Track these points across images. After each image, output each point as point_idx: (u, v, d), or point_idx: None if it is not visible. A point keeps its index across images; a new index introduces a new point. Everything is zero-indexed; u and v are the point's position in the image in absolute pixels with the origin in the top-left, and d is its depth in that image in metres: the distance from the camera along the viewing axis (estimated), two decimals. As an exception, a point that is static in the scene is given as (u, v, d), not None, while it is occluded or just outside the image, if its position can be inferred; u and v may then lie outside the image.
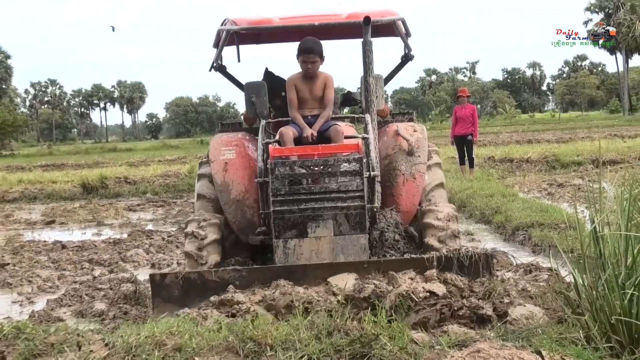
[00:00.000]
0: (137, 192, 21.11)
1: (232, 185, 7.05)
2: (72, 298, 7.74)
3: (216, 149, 7.23)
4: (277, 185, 6.24)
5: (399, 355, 3.29)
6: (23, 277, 8.99)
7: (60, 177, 25.19)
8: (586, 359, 3.24)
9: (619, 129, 44.82)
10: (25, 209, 18.67)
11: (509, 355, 3.18)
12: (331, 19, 7.53)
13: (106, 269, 9.45)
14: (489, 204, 12.77)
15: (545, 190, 16.08)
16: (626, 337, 3.35)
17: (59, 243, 11.61)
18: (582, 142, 29.53)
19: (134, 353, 3.28)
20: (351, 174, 6.29)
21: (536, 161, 22.42)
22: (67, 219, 15.78)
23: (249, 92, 7.27)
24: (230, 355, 3.28)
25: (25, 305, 7.73)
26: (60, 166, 34.97)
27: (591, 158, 20.82)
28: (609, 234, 3.73)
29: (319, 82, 6.97)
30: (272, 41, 9.18)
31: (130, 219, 15.59)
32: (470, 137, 18.33)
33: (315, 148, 6.47)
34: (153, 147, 62.64)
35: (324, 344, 3.30)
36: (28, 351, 3.29)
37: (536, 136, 41.03)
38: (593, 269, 3.66)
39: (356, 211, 6.25)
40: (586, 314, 3.53)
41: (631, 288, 3.40)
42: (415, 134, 7.34)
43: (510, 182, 17.73)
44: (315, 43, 6.92)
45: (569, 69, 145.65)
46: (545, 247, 9.08)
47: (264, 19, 7.43)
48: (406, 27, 7.72)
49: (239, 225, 7.07)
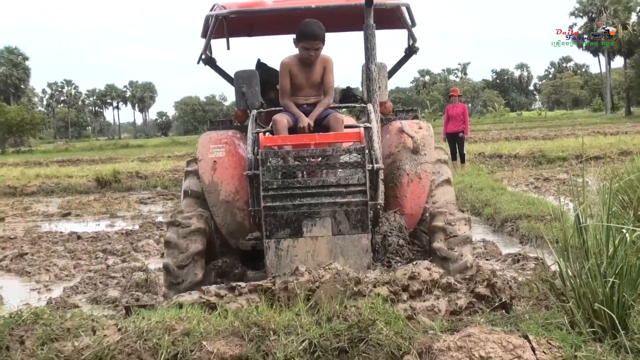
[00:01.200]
0: (148, 186, 21.10)
1: (221, 185, 6.08)
2: (87, 286, 7.76)
3: (204, 146, 6.28)
4: (268, 179, 5.29)
5: (395, 339, 3.29)
6: (41, 266, 9.01)
7: (76, 172, 25.17)
8: (570, 343, 3.24)
9: (602, 126, 44.87)
10: (42, 202, 18.67)
11: (498, 340, 3.18)
12: (331, 1, 6.45)
13: (119, 258, 9.47)
14: (479, 197, 12.78)
15: (532, 184, 16.09)
16: (608, 322, 3.35)
17: (75, 234, 11.64)
18: (567, 139, 29.55)
19: (145, 337, 3.28)
20: (352, 166, 5.36)
21: (524, 157, 22.45)
22: (82, 212, 15.81)
23: (239, 82, 6.37)
24: (236, 339, 3.28)
25: (43, 293, 7.74)
26: (75, 161, 34.99)
27: (575, 154, 20.80)
28: (591, 225, 3.73)
29: (317, 67, 5.94)
30: (266, 32, 7.95)
31: (142, 211, 15.60)
32: (462, 134, 18.40)
33: (311, 137, 5.56)
34: (163, 143, 62.57)
35: (324, 329, 3.30)
36: (46, 336, 3.30)
37: (524, 133, 41.07)
38: (577, 259, 3.66)
39: (357, 208, 5.27)
40: (570, 301, 3.53)
41: (612, 276, 3.40)
42: (421, 131, 6.41)
43: (499, 177, 17.73)
44: (319, 27, 5.84)
45: (554, 70, 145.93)
46: (532, 238, 9.08)
47: (256, 1, 6.46)
48: (411, 15, 6.65)
49: (228, 228, 6.09)
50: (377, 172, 5.51)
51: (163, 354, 3.20)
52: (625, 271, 3.44)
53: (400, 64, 7.17)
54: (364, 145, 5.47)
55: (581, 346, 3.22)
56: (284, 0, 6.60)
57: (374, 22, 5.86)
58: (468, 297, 4.39)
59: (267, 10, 6.48)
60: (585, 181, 4.69)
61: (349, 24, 7.25)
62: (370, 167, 5.41)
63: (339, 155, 5.47)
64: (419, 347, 3.22)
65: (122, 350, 3.21)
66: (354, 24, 7.04)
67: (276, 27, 7.47)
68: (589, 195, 4.54)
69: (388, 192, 6.11)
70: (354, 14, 6.50)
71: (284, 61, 6.01)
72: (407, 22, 6.57)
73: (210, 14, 6.50)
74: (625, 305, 3.39)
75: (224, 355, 3.18)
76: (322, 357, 3.20)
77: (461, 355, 3.12)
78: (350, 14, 6.73)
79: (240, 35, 7.54)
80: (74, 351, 3.19)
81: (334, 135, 5.65)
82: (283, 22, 6.94)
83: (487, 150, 24.73)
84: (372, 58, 5.89)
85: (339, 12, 6.68)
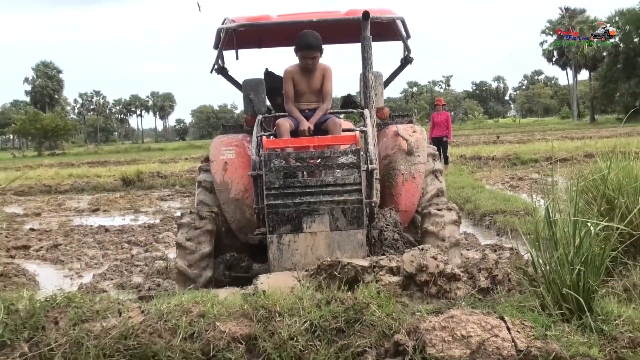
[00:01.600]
0: (168, 185, 21.10)
1: (231, 185, 6.01)
2: (113, 273, 7.76)
3: (216, 149, 6.23)
4: (271, 178, 5.17)
5: (386, 320, 3.28)
6: (73, 255, 9.00)
7: (104, 172, 25.19)
8: (541, 323, 3.24)
9: (569, 132, 44.84)
10: (74, 199, 18.66)
11: (477, 320, 3.18)
12: (330, 15, 6.30)
13: (142, 248, 9.47)
14: (461, 194, 12.77)
15: (507, 183, 16.07)
16: (575, 305, 3.35)
17: (103, 227, 11.64)
18: (538, 143, 29.51)
19: (165, 318, 3.28)
20: (348, 166, 5.22)
21: (500, 159, 22.44)
22: (110, 207, 15.79)
23: (247, 90, 6.29)
24: (245, 320, 3.28)
25: (75, 279, 7.74)
26: (103, 163, 35.00)
27: (545, 156, 20.81)
28: (560, 219, 3.73)
29: (317, 75, 5.86)
30: (273, 44, 7.75)
31: (162, 207, 15.59)
32: (445, 139, 18.42)
33: (311, 140, 5.44)
34: (181, 147, 62.60)
35: (323, 311, 3.30)
36: (77, 317, 3.30)
37: (500, 138, 41.00)
38: (547, 249, 3.66)
39: (353, 205, 5.14)
40: (541, 286, 3.53)
41: (578, 264, 3.40)
42: (415, 134, 6.33)
43: (479, 176, 17.73)
44: (315, 38, 5.76)
45: (527, 82, 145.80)
46: (507, 230, 9.08)
47: (262, 15, 6.32)
48: (406, 28, 6.51)
49: (238, 224, 6.03)
50: (372, 172, 5.36)
51: (181, 333, 3.20)
52: (590, 260, 3.44)
53: (396, 73, 7.00)
54: (360, 147, 5.32)
55: (551, 326, 3.22)
56: (288, 15, 6.46)
57: (371, 35, 5.73)
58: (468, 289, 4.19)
59: (272, 23, 6.38)
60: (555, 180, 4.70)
61: (348, 36, 7.05)
62: (365, 168, 5.29)
63: (336, 156, 5.34)
64: (408, 327, 3.22)
65: (145, 330, 3.21)
66: (353, 36, 6.70)
67: (281, 39, 7.34)
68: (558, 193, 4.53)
69: (384, 191, 6.03)
70: (352, 27, 6.32)
71: (287, 70, 5.93)
72: (402, 34, 6.47)
73: (221, 27, 6.37)
74: (590, 290, 3.39)
75: (235, 335, 3.18)
76: (321, 336, 3.20)
77: (445, 334, 3.12)
78: (348, 27, 6.56)
79: (249, 47, 7.44)
80: (102, 331, 3.19)
81: (331, 138, 5.53)
82: (287, 34, 6.77)
83: (468, 153, 24.76)
84: (368, 67, 5.74)
85: (338, 26, 6.55)
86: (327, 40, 5.92)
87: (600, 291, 3.56)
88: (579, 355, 3.02)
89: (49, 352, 3.11)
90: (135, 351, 3.13)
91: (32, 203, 17.55)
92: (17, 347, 3.15)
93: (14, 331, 3.21)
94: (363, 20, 5.63)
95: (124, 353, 3.13)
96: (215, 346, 3.13)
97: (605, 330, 3.21)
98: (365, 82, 5.78)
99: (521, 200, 10.81)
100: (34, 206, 16.59)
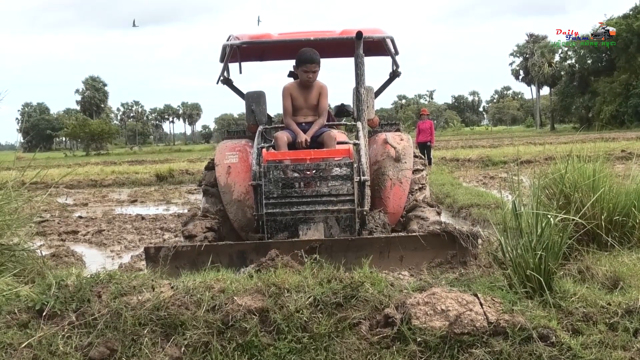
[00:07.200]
0: (195, 181, 21.03)
1: (234, 187, 5.67)
2: (148, 254, 7.74)
3: (221, 153, 5.89)
4: (270, 188, 4.88)
5: (378, 296, 3.27)
6: (114, 239, 9.00)
7: (141, 169, 25.18)
8: (509, 300, 3.23)
9: (533, 138, 44.72)
10: (116, 192, 18.66)
11: (455, 297, 3.17)
12: (326, 34, 6.07)
13: (172, 234, 9.45)
14: (442, 190, 12.74)
15: (481, 181, 16.03)
16: (537, 284, 3.34)
17: (140, 216, 11.62)
18: (507, 147, 29.43)
19: (191, 293, 3.28)
20: (342, 178, 4.92)
21: (475, 160, 22.37)
22: (146, 199, 15.78)
23: (249, 101, 5.96)
24: (259, 295, 3.27)
25: (116, 259, 7.73)
26: (141, 162, 34.96)
27: (513, 158, 20.74)
28: (524, 212, 3.71)
29: (314, 91, 5.56)
30: (273, 58, 7.40)
31: (190, 199, 15.56)
32: (429, 144, 18.45)
33: (307, 152, 5.13)
34: (206, 149, 62.45)
35: (324, 288, 3.29)
36: (117, 291, 3.29)
37: (475, 143, 40.91)
38: (514, 237, 3.64)
39: (346, 214, 4.85)
40: (509, 268, 3.51)
41: (540, 250, 3.39)
42: (402, 142, 6.08)
43: (457, 175, 17.67)
44: (315, 53, 5.49)
45: (498, 96, 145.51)
46: (481, 221, 9.05)
47: (264, 34, 6.08)
48: (394, 45, 6.25)
49: (240, 223, 5.69)
50: (363, 183, 5.09)
51: (204, 305, 3.20)
52: (550, 246, 3.42)
53: (385, 86, 6.71)
54: (353, 160, 5.05)
55: (517, 302, 3.21)
56: (287, 33, 6.23)
57: (363, 52, 5.41)
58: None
59: (273, 42, 6.15)
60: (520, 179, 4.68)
61: (342, 52, 6.80)
62: (358, 179, 5.01)
63: (330, 168, 5.01)
64: (396, 302, 3.21)
65: (174, 303, 3.21)
66: (347, 52, 6.57)
67: (281, 54, 7.08)
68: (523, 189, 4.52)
69: (374, 194, 5.72)
70: (346, 44, 6.08)
71: (285, 87, 5.63)
72: (391, 51, 6.24)
73: (226, 44, 6.10)
74: (550, 272, 3.38)
75: (250, 307, 3.17)
76: (323, 309, 3.19)
77: (427, 309, 3.11)
78: (343, 44, 6.31)
79: (251, 60, 7.17)
80: (138, 303, 3.19)
81: (326, 152, 5.21)
82: (287, 51, 6.62)
83: (448, 156, 24.70)
84: (361, 82, 5.43)
85: (334, 43, 6.35)
86: (322, 55, 5.72)
87: (559, 273, 3.54)
88: (540, 327, 3.01)
89: (93, 321, 3.12)
90: (165, 321, 3.13)
91: (80, 195, 17.56)
92: (66, 316, 3.15)
93: (64, 303, 3.21)
94: (356, 40, 5.33)
95: (156, 322, 3.13)
96: (233, 317, 3.12)
97: (563, 306, 3.20)
98: (358, 96, 5.49)
99: (492, 196, 10.78)
100: (82, 197, 16.59)
